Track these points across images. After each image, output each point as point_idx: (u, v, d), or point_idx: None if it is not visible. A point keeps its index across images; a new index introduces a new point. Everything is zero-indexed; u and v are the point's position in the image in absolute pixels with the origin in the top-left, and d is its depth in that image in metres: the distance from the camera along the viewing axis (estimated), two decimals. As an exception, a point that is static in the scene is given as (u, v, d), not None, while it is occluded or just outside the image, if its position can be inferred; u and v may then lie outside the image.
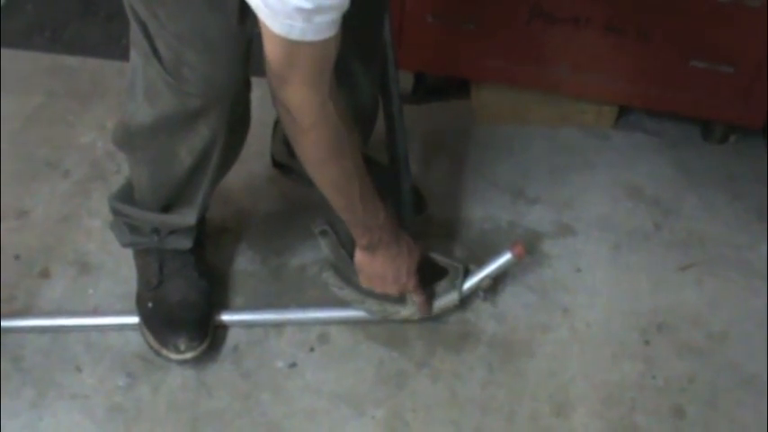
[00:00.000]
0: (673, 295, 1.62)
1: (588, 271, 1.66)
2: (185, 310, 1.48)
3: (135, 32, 1.20)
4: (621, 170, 1.85)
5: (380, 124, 1.49)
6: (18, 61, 2.03)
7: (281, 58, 1.08)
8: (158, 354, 1.46)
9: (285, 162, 1.70)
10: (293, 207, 1.71)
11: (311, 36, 1.05)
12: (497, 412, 1.44)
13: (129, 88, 1.29)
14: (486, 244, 1.68)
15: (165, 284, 1.49)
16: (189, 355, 1.45)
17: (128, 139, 1.36)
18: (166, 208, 1.43)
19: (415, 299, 1.48)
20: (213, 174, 1.36)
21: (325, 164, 1.23)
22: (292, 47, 1.06)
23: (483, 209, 1.75)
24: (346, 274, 1.49)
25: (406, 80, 1.91)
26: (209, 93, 1.20)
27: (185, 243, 1.49)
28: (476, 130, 1.93)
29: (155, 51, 1.18)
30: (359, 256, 1.43)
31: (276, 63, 1.09)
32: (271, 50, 1.08)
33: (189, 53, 1.16)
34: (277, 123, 1.69)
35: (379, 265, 1.43)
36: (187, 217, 1.43)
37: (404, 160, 1.49)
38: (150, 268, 1.51)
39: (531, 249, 1.65)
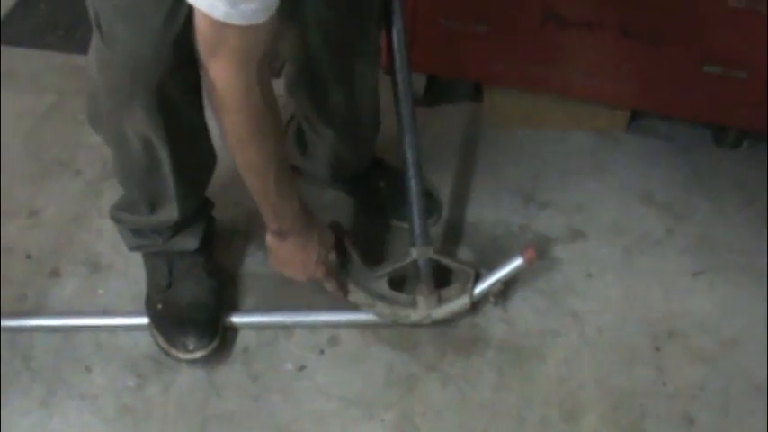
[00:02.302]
0: (684, 301, 1.61)
1: (599, 276, 1.65)
2: (195, 310, 1.48)
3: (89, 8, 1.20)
4: (633, 175, 1.84)
5: (393, 127, 1.48)
6: (31, 60, 2.04)
7: (207, 33, 1.07)
8: (167, 353, 1.46)
9: (295, 163, 1.70)
10: (304, 209, 1.71)
11: (237, 20, 1.03)
12: (507, 417, 1.43)
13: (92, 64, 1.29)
14: (496, 248, 1.67)
15: (175, 286, 1.50)
16: (198, 355, 1.45)
17: (93, 113, 1.36)
18: (152, 207, 1.44)
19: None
20: (173, 170, 1.35)
21: (245, 145, 1.21)
22: (218, 25, 1.05)
23: (494, 213, 1.75)
24: (356, 277, 1.49)
25: (418, 83, 1.90)
26: (135, 67, 1.18)
27: (191, 244, 1.50)
28: (488, 133, 1.92)
29: (98, 25, 1.18)
30: (269, 239, 1.41)
31: (203, 36, 1.08)
32: (198, 21, 1.07)
33: (120, 25, 1.15)
34: (288, 125, 1.69)
35: (288, 252, 1.41)
36: (170, 212, 1.43)
37: (416, 163, 1.49)
38: (160, 271, 1.51)
39: (541, 254, 1.64)
